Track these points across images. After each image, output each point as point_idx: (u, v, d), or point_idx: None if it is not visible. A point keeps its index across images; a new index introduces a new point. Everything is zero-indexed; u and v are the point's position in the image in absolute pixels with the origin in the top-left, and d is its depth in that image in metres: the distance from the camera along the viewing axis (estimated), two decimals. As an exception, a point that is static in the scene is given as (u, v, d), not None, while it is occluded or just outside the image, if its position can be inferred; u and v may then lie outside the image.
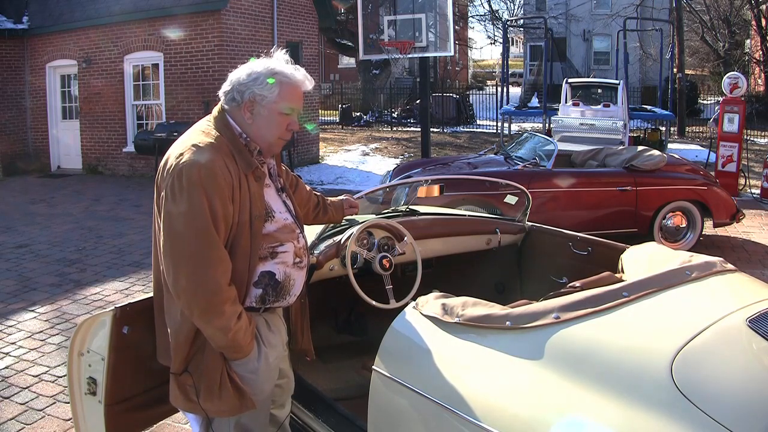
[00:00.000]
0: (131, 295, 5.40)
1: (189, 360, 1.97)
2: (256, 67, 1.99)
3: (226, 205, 1.86)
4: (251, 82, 1.96)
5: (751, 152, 12.38)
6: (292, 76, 2.00)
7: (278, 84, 1.97)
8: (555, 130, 11.32)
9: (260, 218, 1.97)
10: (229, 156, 1.92)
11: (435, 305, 2.01)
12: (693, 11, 21.93)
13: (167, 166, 1.91)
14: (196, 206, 1.82)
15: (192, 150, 1.88)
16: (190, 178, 1.83)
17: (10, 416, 3.46)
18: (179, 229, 1.84)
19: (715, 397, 1.47)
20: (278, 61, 2.02)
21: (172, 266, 1.86)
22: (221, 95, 2.03)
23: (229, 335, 1.88)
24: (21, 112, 13.19)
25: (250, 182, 1.95)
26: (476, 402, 1.70)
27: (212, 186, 1.83)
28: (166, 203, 1.87)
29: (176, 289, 1.86)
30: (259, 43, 12.22)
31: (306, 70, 2.12)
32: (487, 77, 40.44)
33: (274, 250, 2.02)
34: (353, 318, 3.43)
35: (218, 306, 1.85)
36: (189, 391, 1.97)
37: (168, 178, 1.87)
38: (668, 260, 2.16)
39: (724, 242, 7.06)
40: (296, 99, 2.02)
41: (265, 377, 2.05)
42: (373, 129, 20.10)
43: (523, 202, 3.51)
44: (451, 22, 9.61)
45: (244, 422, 2.06)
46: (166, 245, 1.87)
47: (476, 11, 32.18)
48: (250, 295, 2.00)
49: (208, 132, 1.97)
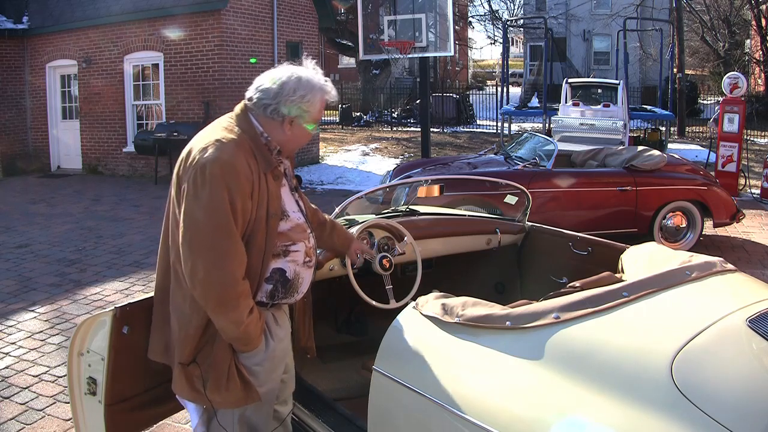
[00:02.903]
0: (131, 295, 5.40)
1: (198, 351, 2.01)
2: (305, 85, 2.00)
3: (245, 201, 1.90)
4: (299, 99, 1.99)
5: (751, 152, 12.38)
6: (329, 92, 2.06)
7: (320, 101, 2.03)
8: (555, 130, 11.31)
9: (276, 216, 2.01)
10: (250, 154, 1.95)
11: (435, 305, 2.01)
12: (693, 11, 21.93)
13: (190, 159, 1.93)
14: (217, 200, 1.86)
15: (215, 145, 1.91)
16: (213, 172, 1.86)
17: (10, 416, 3.46)
18: (200, 221, 1.87)
19: (715, 397, 1.47)
20: (318, 75, 2.05)
21: (191, 258, 1.89)
22: (253, 98, 2.01)
23: (241, 328, 1.92)
24: (21, 112, 13.19)
25: (268, 181, 1.99)
26: (476, 402, 1.70)
27: (234, 181, 1.87)
28: (188, 196, 1.90)
29: (193, 280, 1.89)
30: (259, 43, 12.22)
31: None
32: (487, 77, 40.41)
33: (287, 249, 2.06)
34: (353, 318, 3.44)
35: (233, 299, 1.89)
36: (196, 382, 2.00)
37: (191, 171, 1.90)
38: (668, 260, 2.16)
39: (724, 242, 7.06)
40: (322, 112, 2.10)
41: (271, 370, 2.10)
42: (373, 129, 20.09)
43: (523, 202, 3.51)
44: (451, 22, 9.61)
45: (248, 415, 2.11)
46: (185, 237, 1.90)
47: (476, 11, 32.21)
48: (261, 290, 2.04)
49: (230, 129, 2.00)
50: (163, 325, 2.10)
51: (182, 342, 2.00)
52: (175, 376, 2.05)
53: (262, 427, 2.17)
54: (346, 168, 13.06)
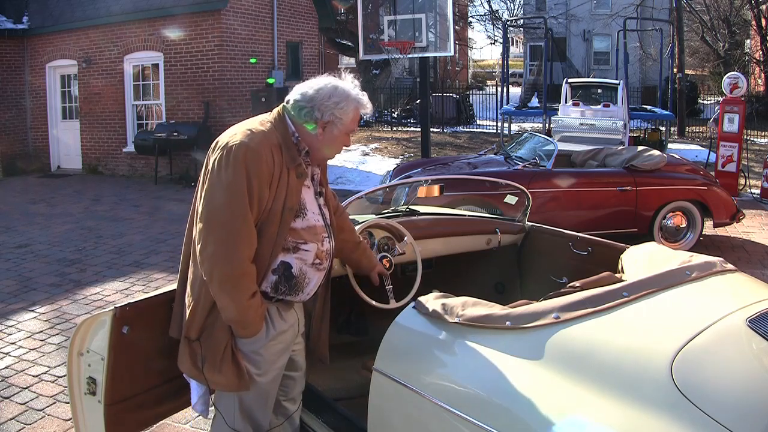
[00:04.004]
0: (131, 295, 5.40)
1: (203, 329, 2.07)
2: (340, 93, 2.10)
3: (263, 188, 1.99)
4: (333, 105, 2.08)
5: (751, 152, 12.38)
6: (365, 105, 2.15)
7: (354, 110, 2.12)
8: (555, 130, 11.30)
9: (292, 211, 2.08)
10: (277, 147, 2.05)
11: (435, 305, 2.01)
12: (693, 11, 21.92)
13: (220, 142, 2.05)
14: (238, 182, 1.96)
15: (246, 133, 2.03)
16: (237, 156, 1.97)
17: (10, 416, 3.47)
18: (218, 199, 1.98)
19: (715, 397, 1.47)
20: (355, 87, 2.14)
21: (204, 232, 1.98)
22: (290, 101, 2.12)
23: (241, 308, 1.98)
24: (21, 112, 13.19)
25: (290, 176, 2.07)
26: (476, 402, 1.70)
27: (255, 167, 1.97)
28: (211, 175, 2.01)
29: (203, 254, 1.98)
30: (259, 43, 12.22)
31: (306, 70, 2.16)
32: (487, 77, 40.40)
33: (297, 246, 2.12)
34: (353, 318, 3.43)
35: (237, 278, 1.97)
36: (197, 359, 2.07)
37: (218, 152, 2.02)
38: (668, 260, 2.16)
39: (724, 242, 7.06)
40: (357, 122, 2.18)
41: (269, 360, 2.13)
42: (373, 129, 20.08)
43: (523, 202, 3.51)
44: (451, 22, 9.61)
45: (248, 404, 2.16)
46: (203, 212, 2.00)
47: (476, 11, 32.18)
48: (267, 280, 2.09)
49: (264, 122, 2.11)
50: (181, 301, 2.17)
51: (191, 316, 2.08)
52: (180, 351, 2.13)
53: (261, 418, 2.20)
54: (346, 168, 13.06)
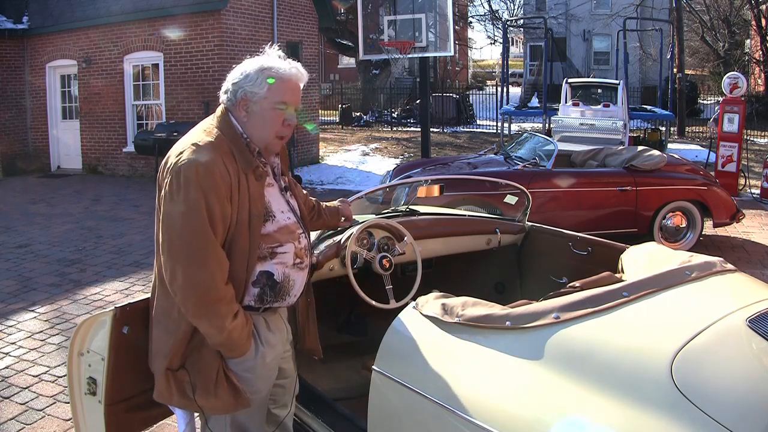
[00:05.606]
0: (131, 295, 5.40)
1: (186, 357, 1.99)
2: (248, 66, 2.00)
3: (223, 205, 1.87)
4: (243, 80, 1.98)
5: (751, 152, 12.38)
6: (282, 71, 1.98)
7: (272, 81, 1.96)
8: (555, 130, 11.31)
9: (259, 217, 1.97)
10: (229, 155, 1.92)
11: (435, 305, 2.01)
12: (693, 11, 21.93)
13: (167, 165, 1.92)
14: (194, 205, 1.83)
15: (192, 149, 1.90)
16: (188, 176, 1.84)
17: (10, 416, 3.46)
18: (177, 227, 1.86)
19: (715, 397, 1.47)
20: (269, 58, 2.02)
21: (170, 263, 1.88)
22: (221, 95, 2.04)
23: (224, 333, 1.89)
24: (21, 112, 13.19)
25: (250, 181, 1.95)
26: (476, 402, 1.70)
27: (210, 185, 1.84)
28: (165, 202, 1.89)
29: (173, 286, 1.89)
30: (259, 43, 12.01)
31: (306, 70, 2.12)
32: (487, 77, 40.41)
33: (274, 251, 2.01)
34: (353, 318, 3.43)
35: (212, 304, 1.87)
36: (186, 388, 1.98)
37: (167, 176, 1.90)
38: (668, 260, 2.16)
39: (724, 242, 7.06)
40: (289, 93, 2.00)
41: (261, 376, 2.06)
42: (373, 129, 20.09)
43: (523, 202, 3.51)
44: (451, 22, 9.62)
45: (240, 420, 2.08)
46: (164, 243, 1.89)
47: (476, 11, 32.22)
48: (249, 293, 2.00)
49: (209, 131, 1.98)
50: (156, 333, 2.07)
51: (171, 348, 1.98)
52: (159, 384, 2.01)
53: (255, 431, 2.15)
54: (346, 168, 13.06)
